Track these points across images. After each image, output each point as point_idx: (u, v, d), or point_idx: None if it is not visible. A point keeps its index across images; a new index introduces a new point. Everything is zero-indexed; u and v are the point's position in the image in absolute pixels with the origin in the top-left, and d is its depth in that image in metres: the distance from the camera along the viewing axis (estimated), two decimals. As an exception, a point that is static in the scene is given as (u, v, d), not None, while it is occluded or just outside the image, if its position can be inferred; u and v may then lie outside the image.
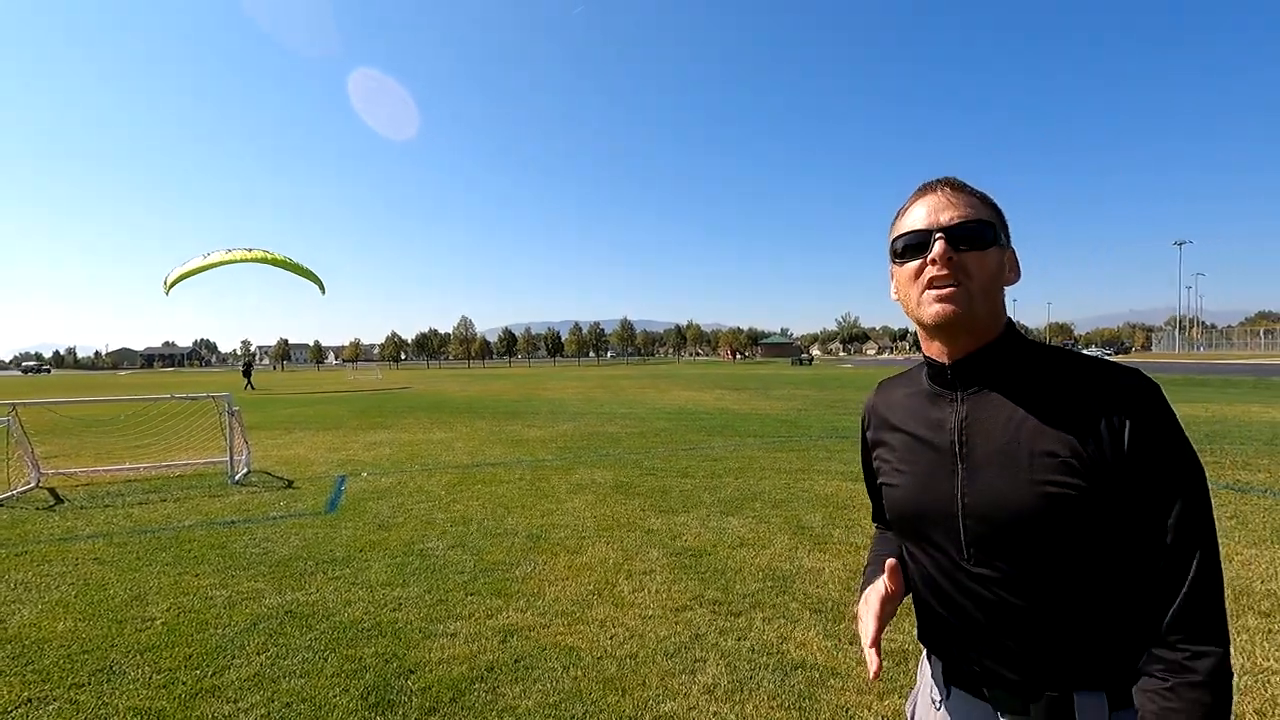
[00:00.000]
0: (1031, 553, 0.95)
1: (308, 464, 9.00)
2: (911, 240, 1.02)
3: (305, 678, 3.06)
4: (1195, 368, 36.97)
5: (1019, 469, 0.95)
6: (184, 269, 11.21)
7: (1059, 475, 0.92)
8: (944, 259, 0.98)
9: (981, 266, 0.99)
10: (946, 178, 1.06)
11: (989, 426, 1.00)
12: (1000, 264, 1.01)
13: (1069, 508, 0.91)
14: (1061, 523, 0.92)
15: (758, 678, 3.04)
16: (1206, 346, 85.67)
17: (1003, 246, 1.02)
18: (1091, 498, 0.91)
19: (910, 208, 1.06)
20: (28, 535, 5.53)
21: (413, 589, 4.14)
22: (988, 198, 1.05)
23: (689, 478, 7.56)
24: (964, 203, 1.01)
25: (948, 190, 1.03)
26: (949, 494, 1.02)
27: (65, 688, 2.99)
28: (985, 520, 0.98)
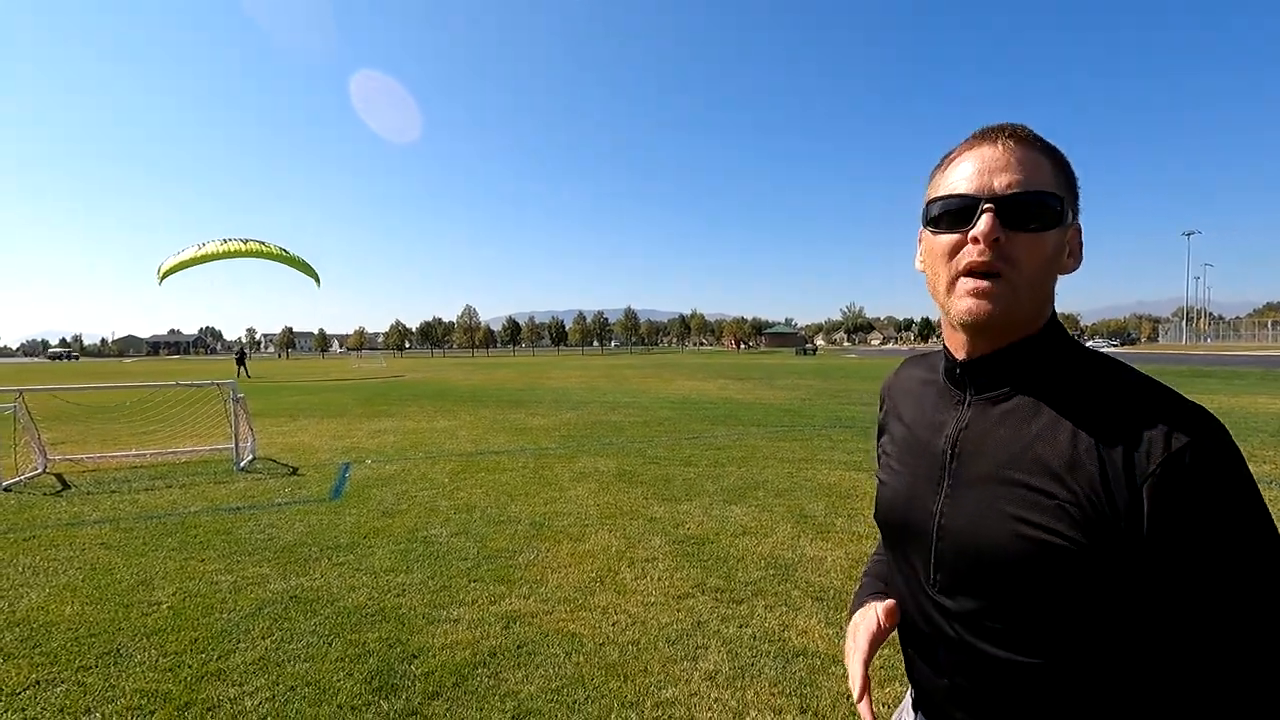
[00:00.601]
0: (999, 598, 0.79)
1: (312, 451, 9.04)
2: (952, 206, 0.81)
3: (310, 662, 3.08)
4: (1202, 359, 36.80)
5: (1001, 499, 0.78)
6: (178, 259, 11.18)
7: (1045, 519, 0.74)
8: (989, 240, 0.77)
9: (1035, 254, 0.78)
10: (1013, 125, 0.81)
11: (988, 442, 0.83)
12: (1060, 248, 0.80)
13: (1049, 561, 0.73)
14: (1038, 575, 0.74)
15: (759, 665, 3.05)
16: (1214, 338, 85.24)
17: (1066, 226, 0.80)
18: (1088, 560, 0.72)
19: (958, 159, 0.83)
20: (35, 520, 5.58)
21: (416, 575, 4.16)
22: (1061, 157, 0.82)
23: (692, 466, 7.57)
24: (1029, 164, 0.78)
25: (1010, 144, 0.79)
26: (927, 510, 0.88)
27: (72, 670, 3.02)
28: (955, 548, 0.83)
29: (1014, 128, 0.81)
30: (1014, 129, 0.81)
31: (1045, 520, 0.74)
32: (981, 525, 0.79)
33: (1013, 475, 0.78)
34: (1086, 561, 0.71)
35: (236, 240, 11.41)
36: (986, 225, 0.76)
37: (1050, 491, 0.74)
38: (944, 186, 0.83)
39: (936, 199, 0.83)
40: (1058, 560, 0.73)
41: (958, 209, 0.80)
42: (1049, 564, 0.73)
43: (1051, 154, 0.81)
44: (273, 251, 11.68)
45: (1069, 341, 0.84)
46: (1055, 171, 0.80)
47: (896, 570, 0.96)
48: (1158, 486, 0.68)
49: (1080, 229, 0.84)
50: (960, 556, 0.82)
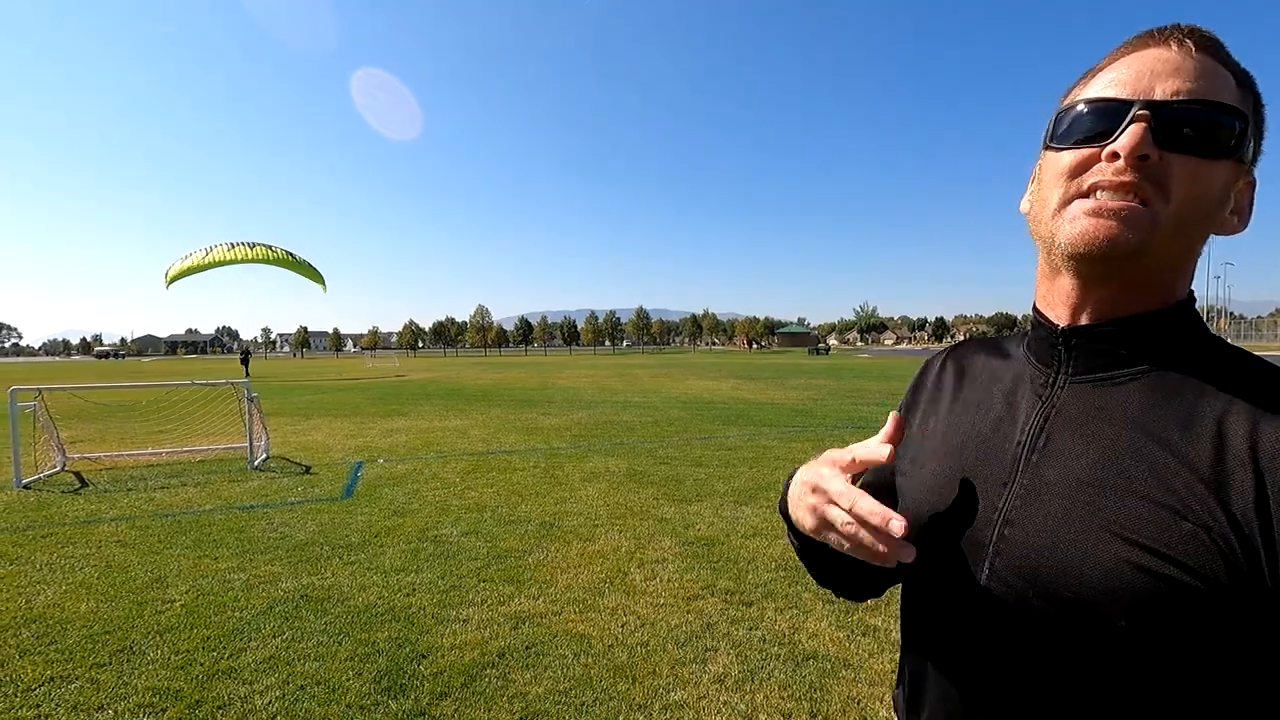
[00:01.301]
0: (1080, 645, 0.57)
1: (326, 450, 9.10)
2: (1096, 110, 0.60)
3: (320, 661, 3.09)
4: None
5: (1105, 516, 0.57)
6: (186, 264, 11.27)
7: (1174, 547, 0.53)
8: (1133, 156, 0.57)
9: (1196, 186, 0.58)
10: (1191, 26, 0.61)
11: (1091, 434, 0.61)
12: (1226, 189, 0.60)
13: (1170, 604, 0.52)
14: (1151, 619, 0.53)
15: (769, 668, 3.03)
16: (1235, 338, 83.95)
17: (1244, 161, 0.61)
18: (1228, 604, 0.52)
19: (1110, 65, 0.63)
20: (53, 518, 5.65)
21: (426, 575, 4.17)
22: (1252, 83, 0.62)
23: (703, 467, 7.54)
24: (1210, 74, 0.58)
25: (1190, 45, 0.59)
26: (985, 512, 0.65)
27: (86, 667, 3.05)
28: (1024, 568, 0.60)
29: (1192, 27, 0.61)
30: (1197, 30, 0.60)
31: (1174, 548, 0.53)
32: (1072, 544, 0.57)
33: (1120, 482, 0.57)
34: (1224, 603, 0.52)
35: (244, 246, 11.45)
36: (1134, 137, 0.57)
37: (1185, 509, 0.54)
38: (1089, 91, 0.63)
39: (1075, 103, 0.63)
40: (1185, 602, 0.52)
41: (1099, 114, 0.60)
42: (1172, 606, 0.52)
43: (1241, 76, 0.61)
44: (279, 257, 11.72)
45: (1206, 329, 0.65)
46: (1239, 90, 0.60)
47: (921, 579, 0.72)
48: None
49: (1255, 183, 0.64)
50: (1030, 581, 0.59)
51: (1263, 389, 0.57)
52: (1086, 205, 0.59)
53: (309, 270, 12.43)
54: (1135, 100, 0.58)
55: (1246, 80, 0.61)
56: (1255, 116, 0.61)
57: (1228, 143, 0.58)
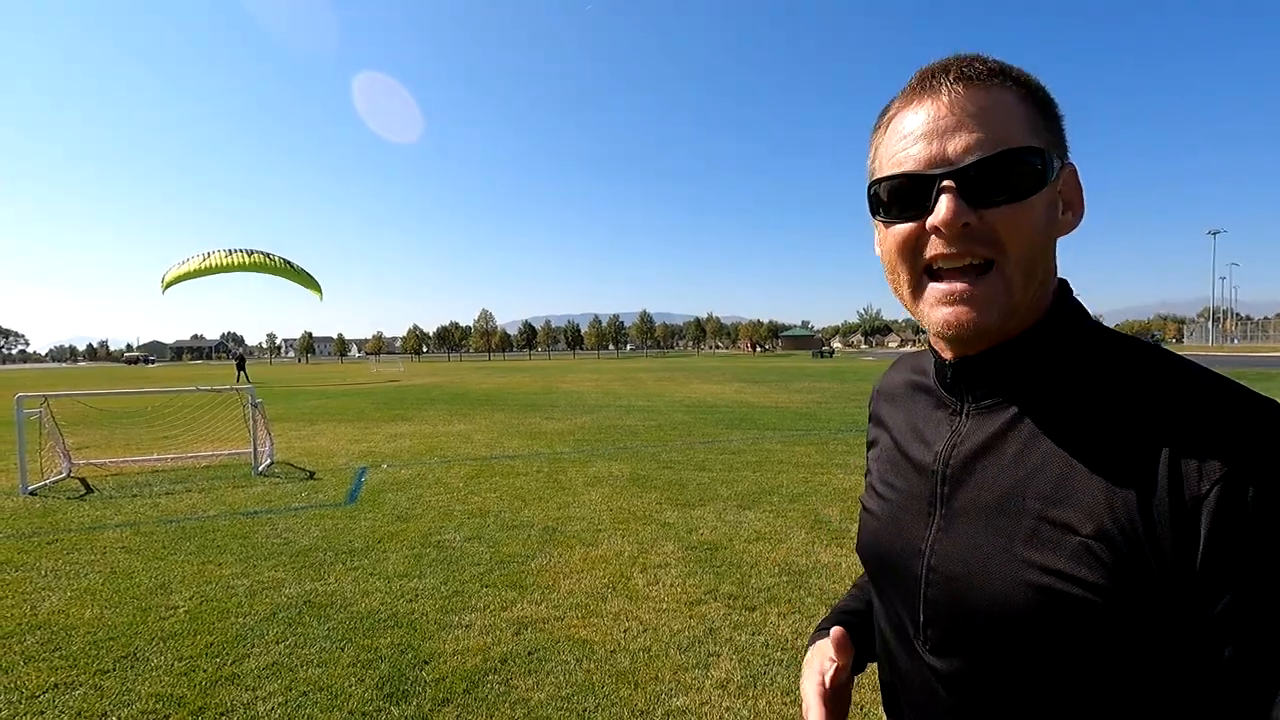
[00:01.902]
0: (1002, 661, 0.60)
1: (330, 455, 9.13)
2: (904, 188, 0.62)
3: (322, 667, 3.10)
4: (1229, 360, 36.04)
5: (1011, 538, 0.59)
6: (182, 269, 11.25)
7: (1065, 563, 0.55)
8: (953, 228, 0.59)
9: (1021, 228, 0.59)
10: (959, 62, 0.62)
11: (990, 462, 0.64)
12: (1051, 208, 0.61)
13: (1071, 615, 0.55)
14: (1055, 633, 0.56)
15: (771, 673, 3.02)
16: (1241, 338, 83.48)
17: (1055, 180, 0.61)
18: (1120, 610, 0.53)
19: (897, 116, 0.64)
20: (58, 524, 5.68)
21: (429, 580, 4.18)
22: (1029, 85, 0.62)
23: (706, 471, 7.53)
24: (988, 113, 0.59)
25: (958, 90, 0.60)
26: (915, 548, 0.69)
27: (91, 674, 3.06)
28: (948, 596, 0.64)
29: (959, 64, 0.61)
30: (959, 65, 0.61)
31: (1066, 564, 0.55)
32: (982, 570, 0.61)
33: (1022, 505, 0.60)
34: (1118, 613, 0.54)
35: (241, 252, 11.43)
36: (948, 211, 0.58)
37: (1072, 525, 0.56)
38: (885, 159, 0.64)
39: (879, 181, 0.65)
40: (1082, 614, 0.54)
41: (908, 191, 0.62)
42: (1070, 619, 0.55)
43: (1018, 85, 0.61)
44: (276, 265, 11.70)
45: (1086, 324, 0.66)
46: (1027, 111, 0.61)
47: (883, 616, 0.77)
48: (1219, 507, 0.51)
49: (1074, 170, 0.65)
50: (955, 608, 0.63)
51: (1142, 388, 0.59)
52: (939, 291, 0.62)
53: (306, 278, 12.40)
54: (935, 173, 0.60)
55: (1027, 85, 0.62)
56: (1049, 120, 0.62)
57: (1034, 180, 0.59)
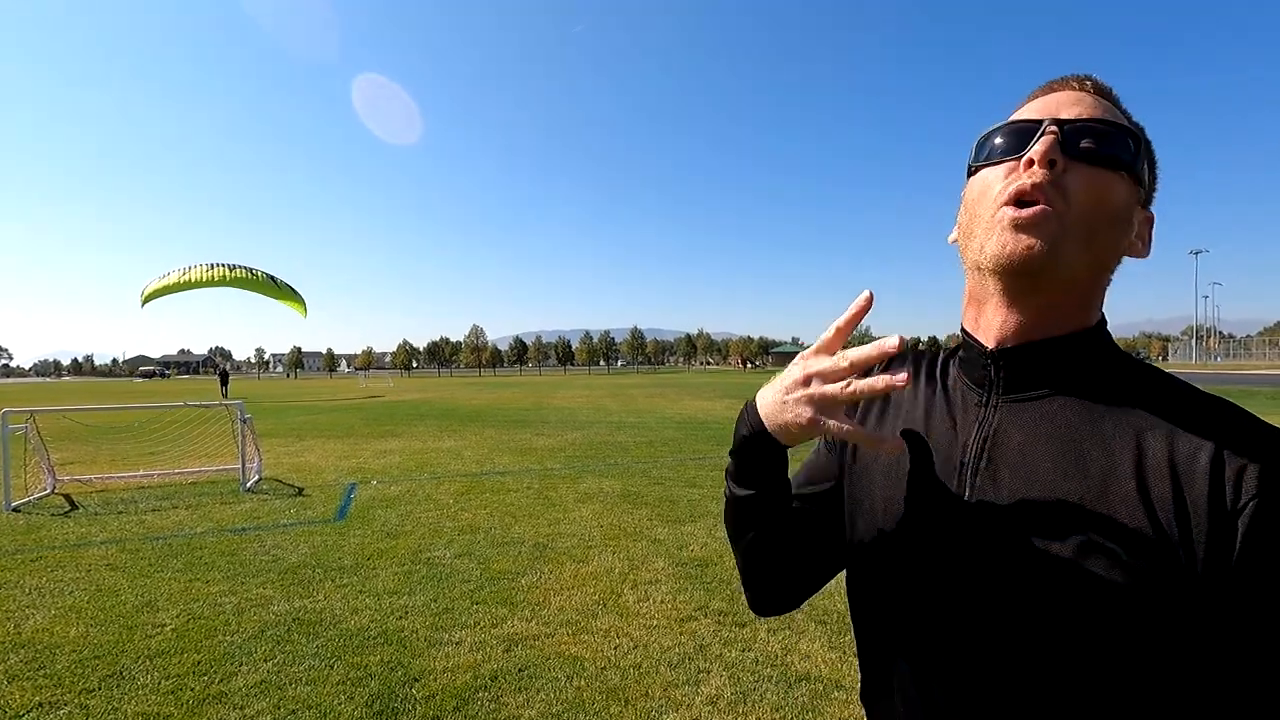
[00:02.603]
0: (1047, 650, 0.61)
1: (319, 471, 9.07)
2: (1013, 131, 0.68)
3: (311, 685, 3.08)
4: (1213, 378, 36.51)
5: (1056, 525, 0.61)
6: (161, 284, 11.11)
7: (1113, 550, 0.58)
8: (1044, 159, 0.63)
9: (1095, 191, 0.64)
10: (1090, 76, 0.71)
11: (1029, 452, 0.66)
12: (1128, 204, 0.66)
13: (1114, 603, 0.58)
14: (1099, 620, 0.58)
15: (761, 689, 3.03)
16: (1224, 356, 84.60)
17: (1140, 183, 0.67)
18: (1153, 603, 0.57)
19: (1030, 101, 0.73)
20: (42, 541, 5.61)
21: (419, 597, 4.16)
22: (1137, 125, 0.70)
23: (697, 487, 7.55)
24: (1103, 106, 0.68)
25: (1088, 87, 0.70)
26: (943, 539, 0.69)
27: (76, 693, 3.03)
28: (987, 589, 0.64)
29: (1096, 79, 0.71)
30: (1091, 78, 0.71)
31: (1113, 551, 0.58)
32: (1026, 557, 0.62)
33: (1068, 496, 0.62)
34: (1154, 602, 0.57)
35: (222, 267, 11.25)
36: (1043, 145, 0.64)
37: (1116, 518, 0.59)
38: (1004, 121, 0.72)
39: (990, 131, 0.71)
40: (1123, 601, 0.58)
41: (1016, 134, 0.68)
42: (1113, 605, 0.58)
43: (1133, 124, 0.70)
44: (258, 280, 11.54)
45: (1119, 349, 0.71)
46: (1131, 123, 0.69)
47: (884, 604, 0.75)
48: (1254, 522, 0.55)
49: (1153, 219, 0.72)
50: (998, 595, 0.64)
51: (1175, 405, 0.63)
52: (1004, 219, 0.64)
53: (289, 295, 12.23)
54: (1045, 120, 0.66)
55: (1137, 128, 0.69)
56: (1147, 160, 0.69)
57: (1122, 155, 0.65)
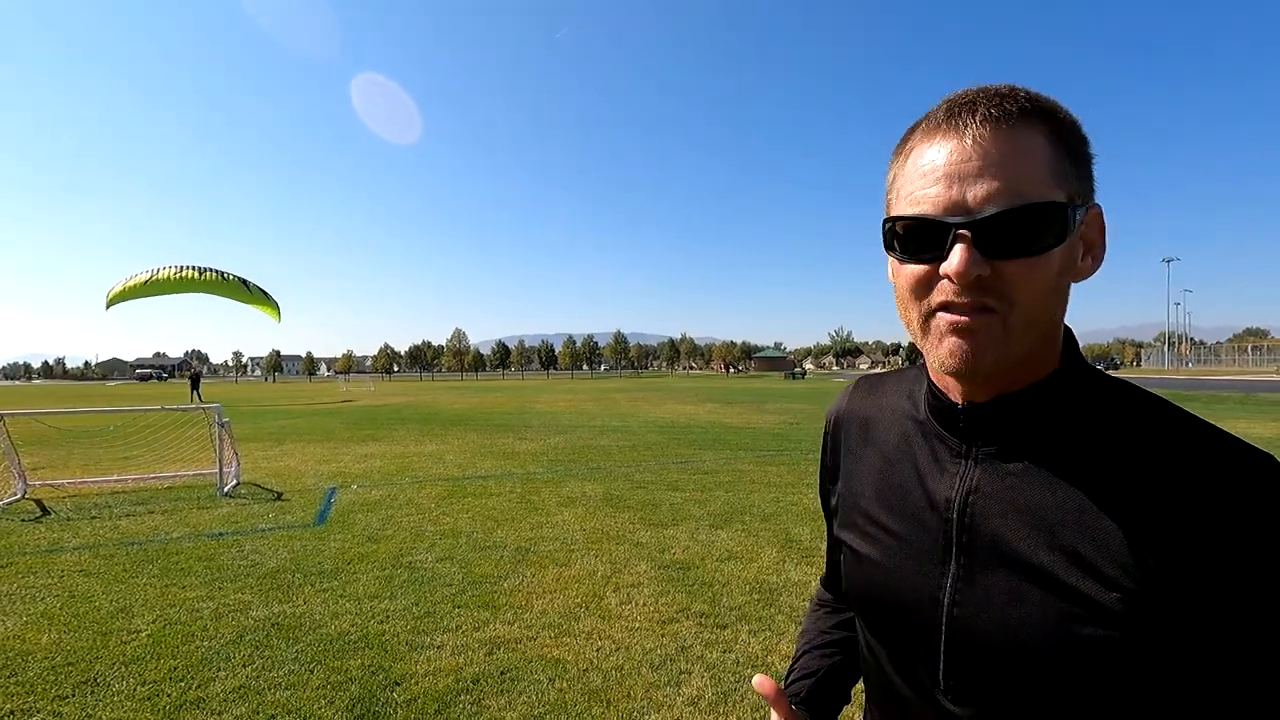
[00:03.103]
0: (1029, 705, 0.61)
1: (298, 476, 8.97)
2: (919, 230, 0.61)
3: (291, 690, 3.06)
4: (1184, 383, 37.30)
5: (1040, 588, 0.60)
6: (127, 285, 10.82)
7: (1093, 610, 0.57)
8: (966, 278, 0.57)
9: (1034, 283, 0.58)
10: (988, 95, 0.60)
11: (1011, 512, 0.63)
12: (1069, 260, 0.61)
13: (1102, 660, 0.57)
14: (1086, 679, 0.57)
15: (742, 690, 3.06)
16: (1195, 362, 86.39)
17: (1073, 233, 0.59)
18: (1144, 656, 0.56)
19: (920, 148, 0.62)
20: (13, 547, 5.50)
21: (400, 601, 4.14)
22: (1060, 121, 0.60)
23: (679, 491, 7.58)
24: (1012, 158, 0.57)
25: (984, 133, 0.58)
26: (931, 596, 0.67)
27: (49, 700, 2.99)
28: (980, 647, 0.63)
29: (988, 100, 0.59)
30: (987, 103, 0.59)
31: (1095, 612, 0.57)
32: (1011, 617, 0.61)
33: (1049, 557, 0.60)
34: (1136, 655, 0.56)
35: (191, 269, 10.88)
36: (961, 261, 0.57)
37: (1095, 571, 0.57)
38: (904, 198, 0.63)
39: (895, 219, 0.63)
40: (1105, 656, 0.57)
41: (923, 234, 0.60)
42: (1095, 661, 0.57)
43: (1046, 121, 0.59)
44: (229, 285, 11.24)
45: (1091, 374, 0.66)
46: (1054, 155, 0.59)
47: (887, 661, 0.74)
48: (1228, 559, 0.53)
49: (1099, 213, 0.63)
50: (982, 656, 0.63)
51: (1150, 440, 0.60)
52: (944, 323, 0.60)
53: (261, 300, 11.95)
54: (951, 222, 0.58)
55: (1057, 122, 0.60)
56: (1078, 161, 0.60)
57: (1051, 237, 0.58)
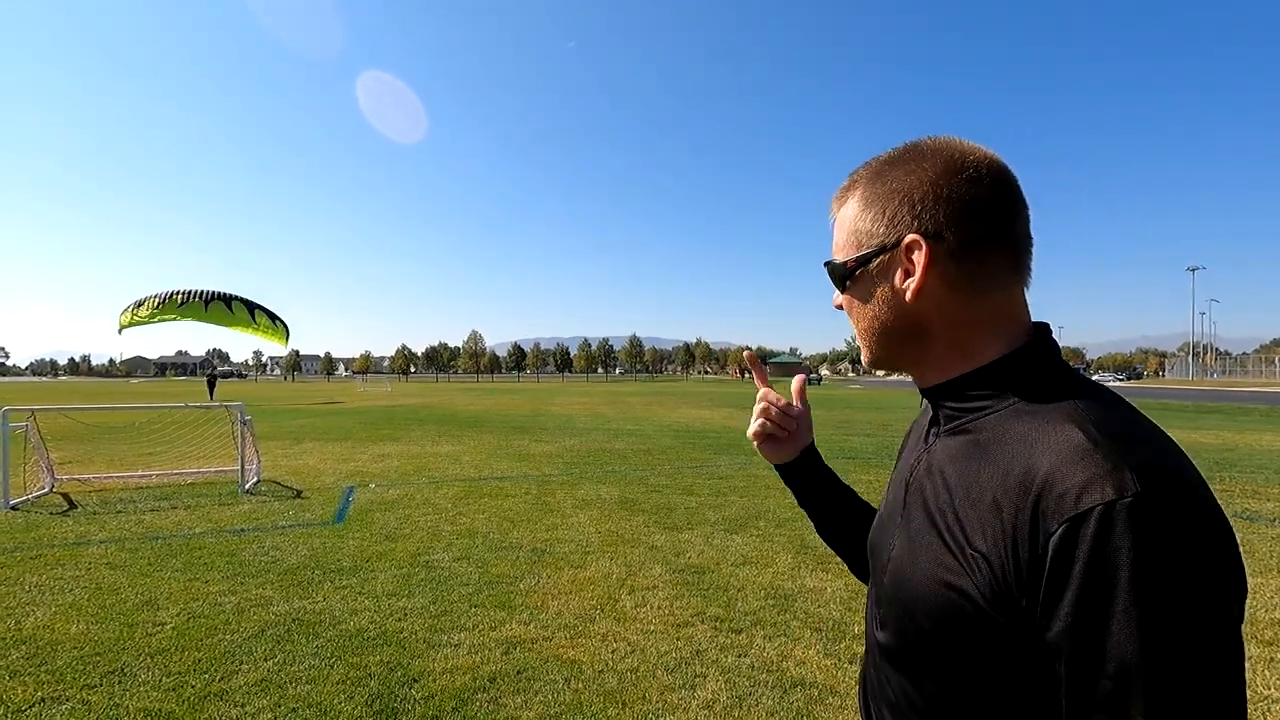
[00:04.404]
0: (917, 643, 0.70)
1: (317, 474, 9.09)
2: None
3: (311, 684, 3.11)
4: (1208, 394, 36.65)
5: (932, 544, 0.69)
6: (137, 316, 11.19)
7: (959, 576, 0.64)
8: (835, 305, 0.82)
9: (853, 311, 0.78)
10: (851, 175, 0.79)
11: (931, 480, 0.74)
12: (884, 291, 0.73)
13: (959, 619, 0.64)
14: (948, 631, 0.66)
15: (756, 694, 3.07)
16: (1220, 373, 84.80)
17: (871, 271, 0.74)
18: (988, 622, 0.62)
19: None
20: (42, 539, 5.63)
21: (418, 600, 4.19)
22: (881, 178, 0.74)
23: (694, 495, 7.58)
24: (838, 225, 0.79)
25: (834, 208, 0.80)
26: (888, 542, 0.80)
27: (78, 688, 3.06)
28: (893, 586, 0.75)
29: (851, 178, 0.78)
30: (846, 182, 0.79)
31: (957, 575, 0.64)
32: (913, 569, 0.71)
33: (943, 520, 0.69)
34: (988, 621, 0.62)
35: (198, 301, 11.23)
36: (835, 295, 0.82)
37: (967, 542, 0.64)
38: None
39: None
40: (965, 617, 0.64)
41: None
42: (958, 620, 0.64)
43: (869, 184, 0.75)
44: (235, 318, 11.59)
45: (1042, 371, 0.70)
46: (861, 211, 0.75)
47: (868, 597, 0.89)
48: (1057, 550, 0.56)
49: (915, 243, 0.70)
50: (895, 595, 0.74)
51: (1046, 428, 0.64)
52: None
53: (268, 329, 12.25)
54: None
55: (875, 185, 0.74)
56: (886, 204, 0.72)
57: (839, 281, 0.78)
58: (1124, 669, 0.53)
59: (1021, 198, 0.72)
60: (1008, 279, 0.71)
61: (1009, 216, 0.70)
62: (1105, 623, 0.54)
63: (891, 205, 0.72)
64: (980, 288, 0.70)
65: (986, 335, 0.72)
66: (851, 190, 0.77)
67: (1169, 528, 0.54)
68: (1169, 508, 0.55)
